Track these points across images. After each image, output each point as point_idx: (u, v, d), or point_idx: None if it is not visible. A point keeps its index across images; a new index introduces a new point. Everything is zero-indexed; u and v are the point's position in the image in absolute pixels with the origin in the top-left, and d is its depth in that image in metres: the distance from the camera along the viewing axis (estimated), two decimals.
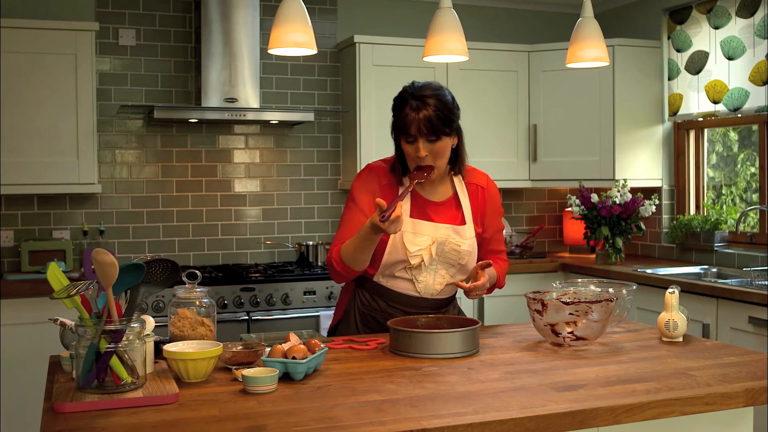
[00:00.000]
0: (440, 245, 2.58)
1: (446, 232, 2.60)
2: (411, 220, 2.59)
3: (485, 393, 1.89)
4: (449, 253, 2.60)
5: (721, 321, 3.75)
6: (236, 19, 4.46)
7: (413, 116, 2.49)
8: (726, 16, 4.51)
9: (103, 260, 1.78)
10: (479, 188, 2.73)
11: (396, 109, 2.57)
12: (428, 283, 2.62)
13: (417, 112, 2.49)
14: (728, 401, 1.91)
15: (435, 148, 2.53)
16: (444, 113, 2.50)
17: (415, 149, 2.52)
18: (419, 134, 2.50)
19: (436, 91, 2.53)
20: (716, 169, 4.95)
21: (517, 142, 5.07)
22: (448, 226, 2.61)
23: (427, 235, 2.58)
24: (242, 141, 4.85)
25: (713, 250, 4.61)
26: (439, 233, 2.59)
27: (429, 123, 2.48)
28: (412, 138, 2.52)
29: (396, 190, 2.64)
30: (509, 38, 5.32)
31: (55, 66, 4.15)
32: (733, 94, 4.47)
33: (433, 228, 2.60)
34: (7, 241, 4.37)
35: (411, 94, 2.53)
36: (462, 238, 2.61)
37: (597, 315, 2.36)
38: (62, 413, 1.74)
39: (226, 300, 4.13)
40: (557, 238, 5.57)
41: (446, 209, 2.66)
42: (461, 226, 2.63)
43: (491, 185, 2.78)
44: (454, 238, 2.60)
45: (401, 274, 2.61)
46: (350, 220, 2.62)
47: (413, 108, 2.50)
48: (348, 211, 2.65)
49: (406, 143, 2.55)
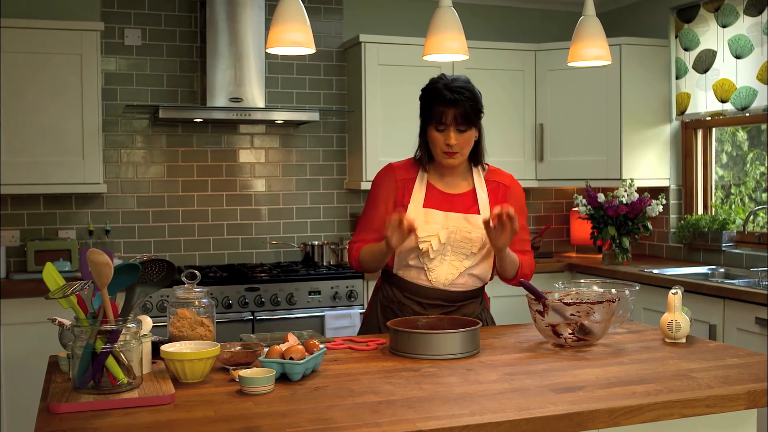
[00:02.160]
0: (451, 233, 2.62)
1: (457, 220, 2.64)
2: (423, 210, 2.66)
3: (483, 394, 1.87)
4: (461, 241, 2.62)
5: (728, 322, 3.71)
6: (242, 19, 4.46)
7: (448, 105, 2.58)
8: (734, 14, 4.48)
9: (97, 260, 1.78)
10: (501, 185, 2.75)
11: (427, 99, 2.64)
12: (439, 272, 2.63)
13: (452, 102, 2.57)
14: (729, 403, 1.88)
15: (463, 138, 2.62)
16: (475, 104, 2.61)
17: (446, 137, 2.60)
18: (453, 123, 2.58)
19: (468, 84, 2.64)
20: (726, 168, 4.91)
21: (524, 142, 5.04)
22: (459, 215, 2.65)
23: (437, 223, 2.64)
24: (248, 141, 4.84)
25: (721, 250, 4.57)
26: (449, 221, 2.64)
27: (464, 112, 2.58)
28: (443, 126, 2.60)
29: (408, 184, 2.71)
30: (515, 37, 5.30)
31: (61, 66, 4.15)
32: (741, 93, 4.43)
33: (444, 216, 2.65)
34: (13, 241, 4.38)
35: (445, 85, 2.61)
36: (473, 227, 2.63)
37: (599, 316, 2.34)
38: (57, 413, 1.73)
39: (230, 300, 4.12)
40: (564, 238, 5.54)
41: (462, 201, 2.70)
42: (473, 215, 2.66)
43: (515, 184, 2.80)
44: (465, 226, 2.63)
45: (414, 263, 2.65)
46: (367, 216, 2.76)
47: (447, 98, 2.58)
48: (365, 209, 2.80)
49: (437, 131, 2.62)
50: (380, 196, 2.72)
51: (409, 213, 2.63)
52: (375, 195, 2.75)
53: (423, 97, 2.68)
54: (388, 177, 2.74)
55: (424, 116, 2.66)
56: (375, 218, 2.71)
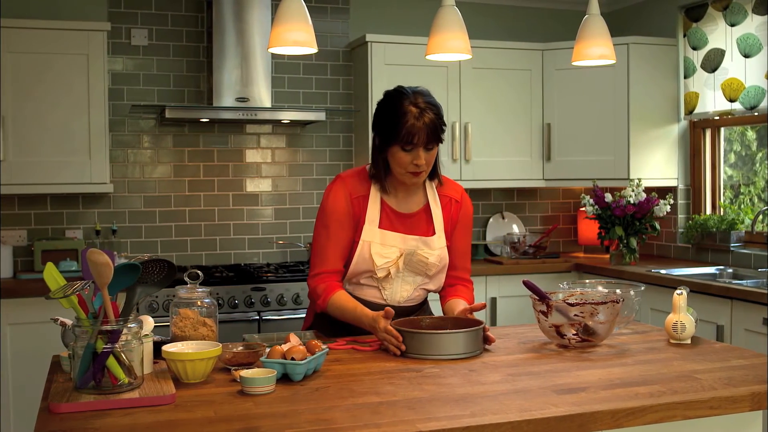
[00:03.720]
0: (408, 256, 2.57)
1: (414, 243, 2.58)
2: (380, 231, 2.56)
3: (484, 395, 1.86)
4: (417, 263, 2.59)
5: (735, 323, 3.69)
6: (248, 19, 4.46)
7: (417, 124, 2.44)
8: (742, 13, 4.45)
9: (97, 260, 1.78)
10: (453, 201, 2.69)
11: (391, 117, 2.48)
12: (395, 291, 2.62)
13: (420, 120, 2.44)
14: (733, 405, 1.87)
15: (430, 156, 2.51)
16: (441, 120, 2.49)
17: (414, 157, 2.47)
18: (423, 143, 2.46)
19: (432, 97, 2.52)
20: (734, 168, 4.88)
21: (531, 141, 5.03)
22: (416, 238, 2.59)
23: (395, 247, 2.56)
24: (254, 140, 4.84)
25: (729, 250, 4.55)
26: (407, 245, 2.58)
27: (434, 130, 2.46)
28: (411, 146, 2.46)
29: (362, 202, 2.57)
30: (523, 36, 5.28)
31: (68, 66, 4.16)
32: (750, 92, 4.40)
33: (402, 239, 2.57)
34: (20, 241, 4.40)
35: (411, 102, 2.47)
36: (430, 249, 2.59)
37: (603, 316, 2.32)
38: (58, 413, 1.73)
39: (236, 300, 4.12)
40: (572, 238, 5.52)
41: (416, 221, 2.62)
42: (430, 237, 2.61)
43: (465, 200, 2.73)
44: (422, 249, 2.59)
45: (367, 282, 2.61)
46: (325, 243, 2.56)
47: (415, 116, 2.44)
48: (320, 232, 2.58)
49: (404, 151, 2.47)
50: (335, 220, 2.55)
51: (365, 234, 2.53)
52: (329, 218, 2.56)
53: (384, 114, 2.51)
54: (342, 194, 2.56)
55: (388, 134, 2.48)
56: (333, 244, 2.55)
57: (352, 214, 2.55)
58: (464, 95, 4.85)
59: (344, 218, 2.56)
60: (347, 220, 2.56)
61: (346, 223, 2.56)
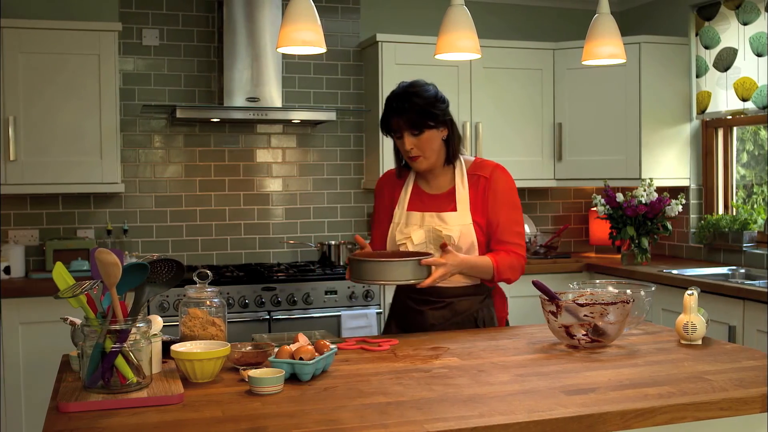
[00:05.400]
0: (428, 232, 2.69)
1: (431, 219, 2.69)
2: (406, 213, 2.75)
3: (493, 396, 1.86)
4: (436, 239, 2.67)
5: (748, 323, 3.66)
6: (259, 19, 4.46)
7: (395, 115, 2.63)
8: (755, 11, 4.42)
9: (105, 260, 1.78)
10: (482, 178, 2.73)
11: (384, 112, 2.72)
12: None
13: (397, 109, 2.62)
14: (744, 407, 1.85)
15: (420, 141, 2.64)
16: (423, 106, 2.60)
17: (402, 144, 2.67)
18: (405, 129, 2.63)
19: (416, 87, 2.65)
20: (747, 167, 4.85)
21: (542, 141, 5.01)
22: (433, 214, 2.70)
23: (415, 224, 2.72)
24: (265, 140, 4.85)
25: (742, 250, 4.52)
26: (425, 221, 2.70)
27: (408, 117, 2.61)
28: (397, 134, 2.66)
29: (399, 189, 2.82)
30: (534, 36, 5.27)
31: (79, 66, 4.18)
32: (763, 92, 4.37)
33: (421, 217, 2.71)
34: (32, 240, 4.42)
35: (394, 94, 2.67)
36: (446, 224, 2.66)
37: (613, 317, 2.31)
38: (66, 413, 1.74)
39: (247, 299, 4.13)
40: (583, 238, 5.50)
41: (442, 200, 2.73)
42: (448, 213, 2.68)
43: (495, 175, 2.73)
44: (438, 224, 2.68)
45: None
46: (373, 226, 2.93)
47: (393, 106, 2.64)
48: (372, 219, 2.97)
49: (397, 139, 2.69)
50: (378, 206, 2.90)
51: (395, 217, 2.78)
52: (375, 205, 2.94)
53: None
54: (380, 185, 2.91)
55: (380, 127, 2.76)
56: (378, 228, 2.88)
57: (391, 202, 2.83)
58: (475, 95, 4.83)
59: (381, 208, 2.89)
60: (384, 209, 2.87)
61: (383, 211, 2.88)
